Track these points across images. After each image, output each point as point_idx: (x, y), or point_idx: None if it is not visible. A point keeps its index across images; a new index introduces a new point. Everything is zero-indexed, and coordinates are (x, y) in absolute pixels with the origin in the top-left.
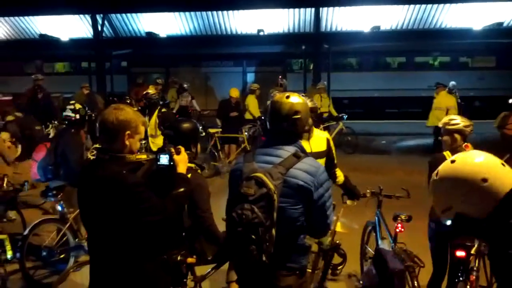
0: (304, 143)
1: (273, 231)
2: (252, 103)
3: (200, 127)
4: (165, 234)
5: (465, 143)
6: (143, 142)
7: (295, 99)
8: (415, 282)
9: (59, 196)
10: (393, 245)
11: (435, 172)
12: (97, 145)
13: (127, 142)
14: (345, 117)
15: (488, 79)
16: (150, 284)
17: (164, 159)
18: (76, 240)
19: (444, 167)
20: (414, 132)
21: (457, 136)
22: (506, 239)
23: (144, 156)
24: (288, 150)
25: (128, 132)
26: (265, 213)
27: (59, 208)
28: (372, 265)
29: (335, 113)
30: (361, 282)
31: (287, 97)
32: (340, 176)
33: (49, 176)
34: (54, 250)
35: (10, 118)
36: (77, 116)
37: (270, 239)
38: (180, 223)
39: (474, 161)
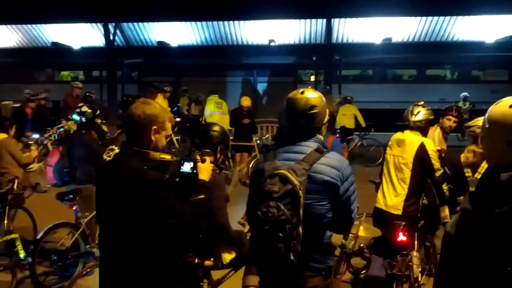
0: None
1: (300, 229)
2: None
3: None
4: (182, 239)
5: None
6: None
7: (310, 94)
8: None
9: (75, 200)
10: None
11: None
12: (113, 146)
13: (153, 138)
14: None
15: (501, 92)
16: None
17: (187, 166)
18: (87, 246)
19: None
20: None
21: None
22: None
23: (168, 156)
24: (309, 146)
25: (154, 127)
26: (291, 210)
27: (74, 212)
28: None
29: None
30: None
31: (302, 92)
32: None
33: (65, 179)
34: (65, 255)
35: None
36: (83, 119)
37: (298, 237)
38: (197, 226)
39: None
